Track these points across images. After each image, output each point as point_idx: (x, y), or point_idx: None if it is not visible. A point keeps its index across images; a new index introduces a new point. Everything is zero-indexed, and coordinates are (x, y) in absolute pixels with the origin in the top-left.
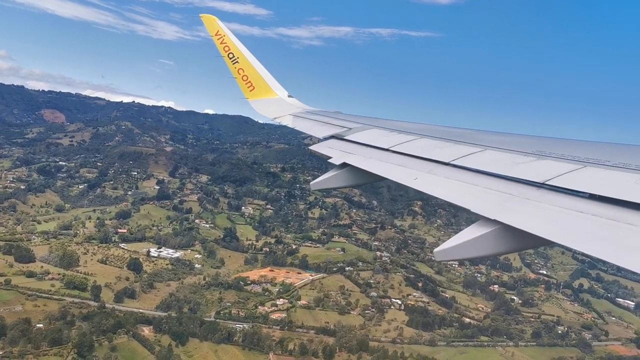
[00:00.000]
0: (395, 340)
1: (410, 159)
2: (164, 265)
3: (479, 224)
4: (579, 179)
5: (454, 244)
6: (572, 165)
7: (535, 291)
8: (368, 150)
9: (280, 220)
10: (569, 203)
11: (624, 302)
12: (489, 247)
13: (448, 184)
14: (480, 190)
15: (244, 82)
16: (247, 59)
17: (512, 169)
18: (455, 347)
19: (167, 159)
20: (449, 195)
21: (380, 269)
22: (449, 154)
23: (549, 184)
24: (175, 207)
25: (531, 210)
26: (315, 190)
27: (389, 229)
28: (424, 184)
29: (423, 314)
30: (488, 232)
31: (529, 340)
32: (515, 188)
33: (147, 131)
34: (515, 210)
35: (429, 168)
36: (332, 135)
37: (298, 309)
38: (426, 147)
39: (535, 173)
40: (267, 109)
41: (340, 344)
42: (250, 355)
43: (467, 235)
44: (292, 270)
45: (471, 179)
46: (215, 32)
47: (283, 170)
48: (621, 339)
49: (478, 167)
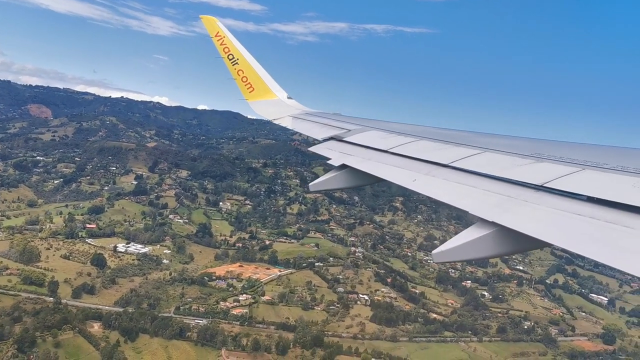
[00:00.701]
0: (357, 335)
1: (409, 161)
2: (130, 261)
3: (478, 225)
4: (577, 181)
5: (453, 246)
6: (570, 168)
7: (507, 287)
8: (367, 152)
9: (258, 216)
10: (567, 206)
11: (597, 297)
12: (488, 248)
13: (447, 185)
14: (479, 192)
15: (243, 83)
16: (246, 60)
17: (510, 171)
18: (417, 343)
19: (147, 154)
20: (447, 197)
21: (351, 265)
22: (448, 156)
23: (547, 186)
24: (151, 202)
25: (529, 212)
26: (314, 191)
27: (367, 224)
28: (422, 186)
29: (388, 309)
30: (486, 234)
31: (493, 336)
32: (514, 190)
33: (132, 126)
34: (514, 212)
35: (427, 170)
36: (331, 136)
37: (261, 304)
38: (425, 149)
39: (533, 175)
40: (267, 110)
41: (296, 339)
42: (203, 351)
43: (466, 237)
44: (261, 266)
45: (470, 181)
46: (215, 33)
47: (265, 166)
48: (588, 334)
49: (477, 169)
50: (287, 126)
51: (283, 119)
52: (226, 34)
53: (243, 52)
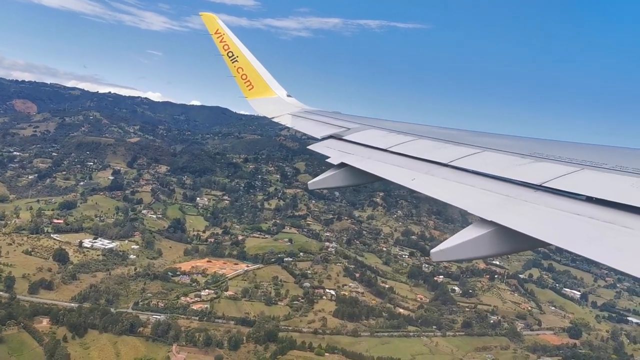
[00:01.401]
0: (317, 330)
1: (408, 160)
2: (95, 256)
3: (476, 225)
4: (576, 181)
5: (451, 245)
6: (569, 168)
7: (479, 282)
8: (366, 151)
9: (234, 212)
10: (565, 205)
11: (570, 292)
12: (486, 248)
13: (446, 185)
14: (478, 191)
15: (243, 81)
16: (246, 57)
17: (509, 171)
18: (378, 338)
19: (126, 149)
20: (446, 196)
21: (320, 260)
22: (447, 155)
23: (546, 186)
24: (126, 197)
25: (528, 212)
26: (313, 189)
27: (345, 219)
28: (421, 185)
29: (352, 304)
30: (485, 233)
31: (458, 330)
32: (513, 190)
33: (116, 122)
34: (513, 212)
35: (426, 169)
36: (330, 135)
37: (223, 299)
38: (424, 148)
39: (532, 175)
40: (266, 108)
41: (249, 334)
42: (154, 347)
43: (464, 236)
44: (229, 262)
45: (469, 180)
46: (214, 31)
47: (246, 161)
48: (555, 329)
49: (476, 169)
50: (287, 124)
51: (282, 117)
52: (226, 32)
53: (243, 49)
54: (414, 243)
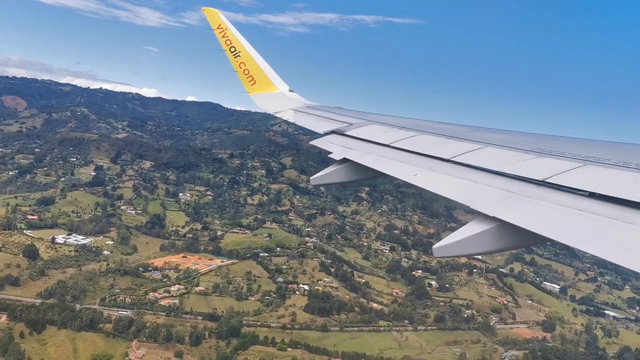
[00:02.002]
0: (286, 325)
1: (410, 155)
2: (67, 252)
3: (479, 220)
4: (579, 177)
5: (453, 241)
6: (572, 164)
7: (457, 276)
8: (368, 146)
9: (217, 207)
10: (568, 201)
11: (550, 285)
12: (488, 244)
13: (448, 180)
14: (480, 187)
15: (245, 76)
16: (248, 52)
17: (512, 167)
18: (348, 333)
19: (110, 145)
20: (448, 191)
21: (296, 255)
22: (450, 150)
23: (549, 181)
24: (106, 193)
25: (531, 208)
26: (315, 185)
27: (329, 214)
28: (424, 181)
29: (324, 299)
30: (487, 229)
31: (430, 325)
32: (515, 185)
33: (104, 117)
34: (515, 208)
35: (429, 164)
36: (332, 130)
37: (193, 295)
38: (427, 143)
39: (535, 171)
40: (268, 103)
41: (211, 330)
42: (114, 343)
43: (467, 231)
44: (204, 257)
45: (471, 176)
46: (217, 26)
47: (231, 157)
48: (529, 322)
49: (478, 164)
50: (289, 119)
51: (284, 112)
52: (228, 26)
53: (245, 44)
54: (396, 238)
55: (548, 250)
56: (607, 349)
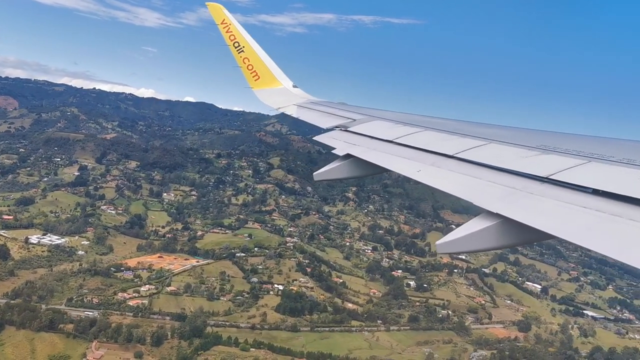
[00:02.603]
0: (255, 326)
1: (414, 151)
2: (40, 252)
3: (482, 217)
4: (583, 174)
5: (456, 237)
6: (576, 160)
7: (436, 276)
8: (372, 142)
9: (200, 207)
10: (572, 198)
11: (532, 285)
12: (491, 240)
13: (451, 176)
14: (484, 183)
15: (249, 71)
16: (252, 48)
17: (516, 163)
18: (319, 333)
19: (95, 145)
20: (452, 188)
21: (274, 255)
22: (453, 146)
23: (553, 178)
24: (88, 193)
25: (534, 204)
26: (318, 180)
27: (313, 214)
28: (427, 177)
29: (296, 299)
30: (490, 225)
31: (403, 325)
32: (519, 182)
33: (94, 117)
34: (519, 204)
35: (432, 160)
36: (336, 126)
37: (163, 295)
38: (430, 139)
39: (539, 167)
40: (272, 98)
41: (173, 330)
42: (73, 344)
43: (470, 228)
44: (180, 257)
45: (475, 172)
46: (221, 21)
47: (218, 157)
48: (505, 322)
49: (482, 161)
50: (292, 114)
51: (288, 107)
52: (232, 22)
53: (249, 40)
54: (379, 238)
55: (534, 250)
56: (582, 349)
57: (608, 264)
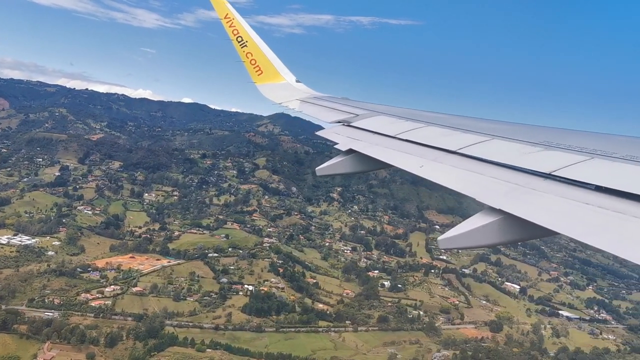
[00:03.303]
0: (219, 326)
1: (416, 147)
2: (8, 253)
3: (484, 212)
4: (586, 170)
5: (458, 233)
6: (579, 157)
7: (412, 276)
8: (375, 137)
9: (181, 207)
10: (575, 194)
11: (510, 286)
12: (493, 236)
13: (454, 172)
14: (486, 179)
15: (252, 66)
16: (255, 42)
17: (518, 159)
18: (284, 333)
19: (78, 145)
20: (454, 183)
21: (247, 255)
22: (456, 142)
23: (556, 174)
24: (66, 193)
25: (537, 200)
26: (320, 175)
27: (295, 215)
28: (429, 172)
29: (264, 299)
30: (492, 221)
31: (372, 325)
32: (522, 178)
33: (83, 118)
34: (521, 200)
35: (435, 156)
36: (338, 121)
37: (128, 295)
38: (433, 135)
39: (541, 163)
40: (275, 93)
41: (128, 330)
42: (26, 344)
43: (472, 224)
44: (152, 257)
45: (477, 168)
46: (224, 15)
47: (203, 157)
48: (477, 322)
49: (484, 157)
50: (295, 109)
51: (291, 102)
52: (235, 16)
53: (252, 34)
54: (360, 238)
55: (516, 250)
56: (551, 349)
57: (591, 265)
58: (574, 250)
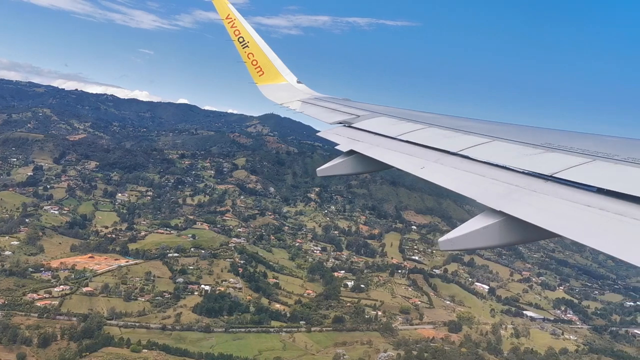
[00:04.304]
0: (166, 327)
1: (417, 148)
2: None
3: (485, 214)
4: (588, 172)
5: (459, 234)
6: (580, 159)
7: (378, 276)
8: (376, 138)
9: (153, 207)
10: (576, 196)
11: (480, 286)
12: (494, 238)
13: (455, 173)
14: (487, 181)
15: (253, 66)
16: (257, 43)
17: (519, 161)
18: (233, 334)
19: (54, 145)
20: (455, 185)
21: (208, 255)
22: (457, 144)
23: (557, 176)
24: (36, 193)
25: (538, 202)
26: (321, 176)
27: (269, 215)
28: (430, 173)
29: (217, 299)
30: (493, 223)
31: (327, 325)
32: (523, 180)
33: (66, 118)
34: (522, 202)
35: (436, 157)
36: (340, 122)
37: (77, 296)
38: (434, 136)
39: (543, 165)
40: (276, 94)
41: (63, 331)
42: None
43: (473, 225)
44: (112, 257)
45: (478, 169)
46: (225, 16)
47: (182, 157)
48: (437, 323)
49: (485, 158)
50: (296, 110)
51: (292, 103)
52: (237, 17)
53: (254, 35)
54: (332, 238)
55: (492, 251)
56: (508, 350)
57: (568, 265)
58: (552, 250)
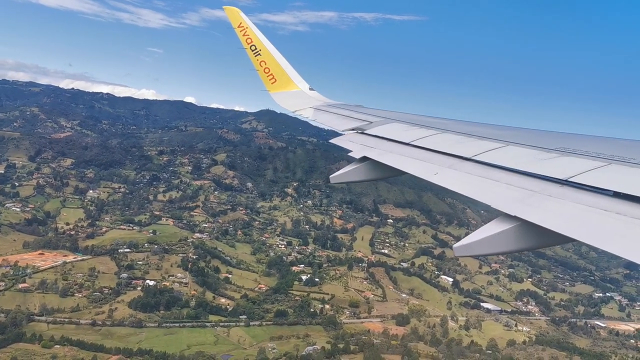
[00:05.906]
0: (96, 322)
1: (431, 154)
2: None
3: (500, 220)
4: (603, 176)
5: (474, 240)
6: (596, 163)
7: (336, 270)
8: (388, 144)
9: (122, 204)
10: (592, 201)
11: (445, 279)
12: (510, 243)
13: (469, 179)
14: (502, 186)
15: (265, 74)
16: (269, 51)
17: (534, 165)
18: (166, 329)
19: (30, 143)
20: (469, 190)
21: (159, 250)
22: (471, 149)
23: (572, 181)
24: (2, 191)
25: (553, 207)
26: (334, 183)
27: (240, 210)
28: (444, 179)
29: (155, 294)
30: (508, 228)
31: (268, 320)
32: (537, 184)
33: (54, 117)
34: (537, 207)
35: (450, 163)
36: (352, 128)
37: (11, 292)
38: (447, 142)
39: (558, 170)
40: (288, 101)
41: None
42: None
43: (488, 231)
44: (61, 253)
45: (492, 174)
46: (238, 24)
47: (160, 153)
48: (385, 316)
49: (499, 163)
50: (309, 117)
51: (304, 110)
52: (249, 25)
53: (266, 43)
54: (299, 232)
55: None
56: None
57: (544, 257)
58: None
